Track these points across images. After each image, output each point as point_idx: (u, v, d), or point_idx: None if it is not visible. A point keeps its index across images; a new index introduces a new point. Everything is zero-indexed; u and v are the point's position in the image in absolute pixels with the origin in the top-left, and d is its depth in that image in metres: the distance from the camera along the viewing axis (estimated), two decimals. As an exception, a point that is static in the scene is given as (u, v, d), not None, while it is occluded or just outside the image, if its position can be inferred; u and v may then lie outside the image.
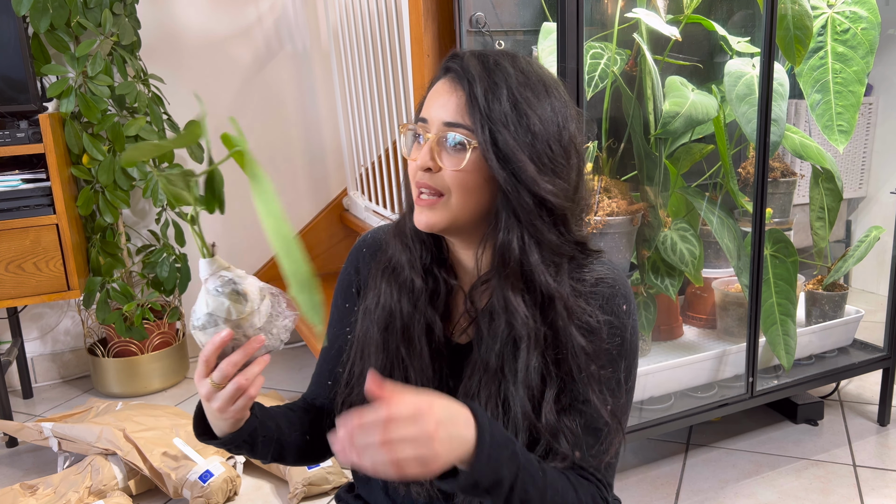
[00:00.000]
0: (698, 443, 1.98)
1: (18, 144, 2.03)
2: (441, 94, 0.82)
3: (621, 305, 0.85)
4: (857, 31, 1.73)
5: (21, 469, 2.00)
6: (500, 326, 0.82)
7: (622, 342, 0.85)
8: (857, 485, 1.76)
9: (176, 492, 1.75)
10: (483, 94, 0.79)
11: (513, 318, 0.81)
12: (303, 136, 2.81)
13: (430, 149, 0.80)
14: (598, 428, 0.83)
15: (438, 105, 0.81)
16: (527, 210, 0.79)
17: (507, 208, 0.80)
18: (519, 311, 0.81)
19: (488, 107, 0.79)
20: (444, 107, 0.81)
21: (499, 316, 0.82)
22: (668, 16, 1.69)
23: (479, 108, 0.79)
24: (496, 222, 0.81)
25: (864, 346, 2.09)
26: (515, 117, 0.79)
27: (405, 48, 1.95)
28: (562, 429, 0.82)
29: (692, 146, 1.88)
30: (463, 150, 0.79)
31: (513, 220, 0.80)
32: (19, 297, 2.11)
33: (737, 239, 1.82)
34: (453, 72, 0.81)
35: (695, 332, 2.02)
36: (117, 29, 2.18)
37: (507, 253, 0.80)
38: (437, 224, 0.82)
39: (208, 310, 0.77)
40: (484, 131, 0.78)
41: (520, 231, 0.80)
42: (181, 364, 2.56)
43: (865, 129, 2.64)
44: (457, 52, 0.84)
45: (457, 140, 0.80)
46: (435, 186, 0.81)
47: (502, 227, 0.80)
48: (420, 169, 0.81)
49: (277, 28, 2.71)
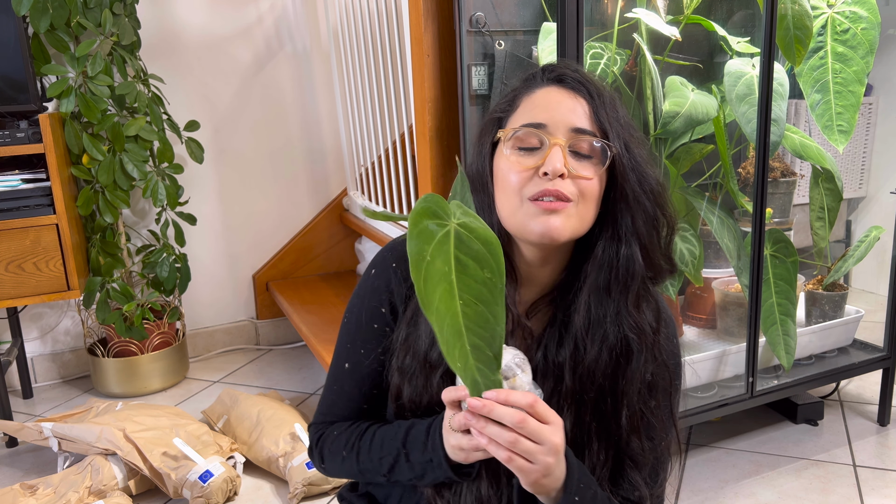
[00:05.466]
0: (698, 443, 1.98)
1: (18, 144, 2.03)
2: (562, 101, 0.79)
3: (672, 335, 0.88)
4: (857, 31, 1.73)
5: (21, 469, 2.00)
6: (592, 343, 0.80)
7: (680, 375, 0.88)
8: (857, 485, 1.76)
9: (176, 492, 1.75)
10: (610, 102, 0.79)
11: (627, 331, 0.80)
12: (303, 136, 2.81)
13: (563, 155, 0.76)
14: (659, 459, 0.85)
15: (562, 110, 0.78)
16: (648, 221, 0.79)
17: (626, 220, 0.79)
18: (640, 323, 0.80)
19: (616, 115, 0.79)
20: (571, 112, 0.78)
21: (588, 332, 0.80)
22: (668, 16, 1.69)
23: (609, 116, 0.78)
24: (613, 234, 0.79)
25: (864, 346, 2.09)
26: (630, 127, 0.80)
27: (405, 48, 1.95)
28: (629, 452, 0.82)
29: (692, 146, 1.88)
30: (599, 158, 0.78)
31: (632, 231, 0.79)
32: (19, 297, 2.11)
33: (737, 239, 1.82)
34: (568, 80, 0.80)
35: (695, 332, 2.02)
36: (117, 29, 2.18)
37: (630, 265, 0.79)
38: (564, 232, 0.77)
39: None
40: (620, 139, 0.78)
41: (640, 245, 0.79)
42: (181, 364, 2.56)
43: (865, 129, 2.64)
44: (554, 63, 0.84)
45: (598, 147, 0.77)
46: (565, 193, 0.76)
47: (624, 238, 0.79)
48: (554, 175, 0.76)
49: (277, 28, 2.71)
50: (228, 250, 2.80)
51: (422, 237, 0.65)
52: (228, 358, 2.77)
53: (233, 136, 2.71)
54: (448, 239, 0.65)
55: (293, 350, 2.83)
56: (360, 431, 0.88)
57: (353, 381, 0.91)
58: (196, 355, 2.77)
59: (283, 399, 2.17)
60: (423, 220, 0.65)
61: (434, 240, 0.65)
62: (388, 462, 0.83)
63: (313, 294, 2.68)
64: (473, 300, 0.65)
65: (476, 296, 0.65)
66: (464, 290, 0.65)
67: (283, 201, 2.83)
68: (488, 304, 0.65)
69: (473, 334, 0.65)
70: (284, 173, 2.81)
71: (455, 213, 0.67)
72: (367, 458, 0.86)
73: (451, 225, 0.66)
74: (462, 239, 0.66)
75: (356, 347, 0.90)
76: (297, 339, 2.89)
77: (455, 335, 0.65)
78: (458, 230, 0.66)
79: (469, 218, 0.67)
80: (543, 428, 0.68)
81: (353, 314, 0.91)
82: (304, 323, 2.38)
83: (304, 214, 2.87)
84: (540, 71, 0.83)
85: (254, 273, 2.85)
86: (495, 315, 0.65)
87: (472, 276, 0.65)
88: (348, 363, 0.90)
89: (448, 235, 0.65)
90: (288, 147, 2.80)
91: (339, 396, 0.92)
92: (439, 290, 0.65)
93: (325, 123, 2.84)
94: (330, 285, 2.77)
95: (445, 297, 0.65)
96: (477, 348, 0.65)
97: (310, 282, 2.82)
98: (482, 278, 0.65)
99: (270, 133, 2.76)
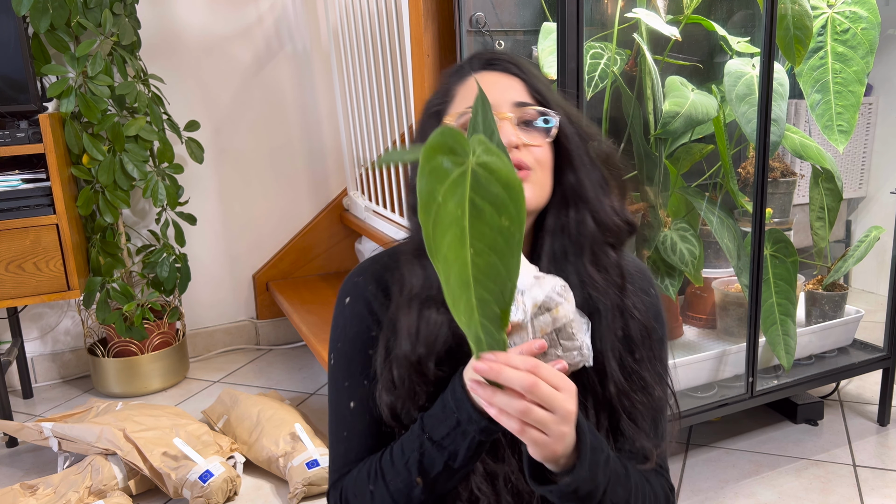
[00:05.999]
0: (698, 443, 1.98)
1: (18, 144, 2.03)
2: (497, 81, 0.81)
3: (651, 291, 0.87)
4: (857, 31, 1.73)
5: (21, 469, 2.00)
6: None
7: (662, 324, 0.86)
8: (857, 485, 1.76)
9: (176, 492, 1.75)
10: (542, 77, 0.81)
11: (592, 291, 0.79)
12: (303, 136, 2.81)
13: (513, 128, 0.78)
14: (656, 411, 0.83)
15: (500, 88, 0.80)
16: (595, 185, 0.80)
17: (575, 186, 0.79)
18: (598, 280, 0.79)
19: (548, 88, 0.81)
20: (509, 89, 0.80)
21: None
22: (668, 16, 1.69)
23: (545, 88, 0.80)
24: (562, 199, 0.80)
25: (864, 346, 2.09)
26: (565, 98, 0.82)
27: (405, 48, 1.95)
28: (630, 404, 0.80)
29: (692, 146, 1.88)
30: (546, 126, 0.79)
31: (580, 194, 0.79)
32: (19, 297, 2.11)
33: (737, 239, 1.82)
34: (498, 63, 0.82)
35: (695, 332, 2.02)
36: (117, 29, 2.18)
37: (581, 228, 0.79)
38: (531, 200, 0.77)
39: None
40: (560, 107, 0.80)
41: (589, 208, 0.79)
42: (181, 364, 2.56)
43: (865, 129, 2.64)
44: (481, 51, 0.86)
45: (543, 115, 0.79)
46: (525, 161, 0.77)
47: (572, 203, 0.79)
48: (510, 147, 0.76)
49: (277, 28, 2.71)
50: (228, 250, 2.80)
51: (434, 175, 0.58)
52: (228, 358, 2.77)
53: (233, 136, 2.71)
54: (464, 179, 0.58)
55: (293, 350, 2.83)
56: (377, 457, 0.82)
57: (364, 420, 0.84)
58: (196, 355, 2.77)
59: (283, 399, 2.17)
60: (438, 156, 0.58)
61: (448, 179, 0.58)
62: (415, 460, 0.76)
63: (313, 294, 2.68)
64: (486, 249, 0.58)
65: (490, 245, 0.58)
66: (476, 238, 0.58)
67: (283, 201, 2.83)
68: (502, 254, 0.58)
69: (482, 287, 0.59)
70: (284, 173, 2.81)
71: (475, 149, 0.59)
72: (394, 473, 0.78)
73: (469, 163, 0.58)
74: (480, 180, 0.58)
75: (356, 381, 0.84)
76: (297, 339, 2.89)
77: (462, 286, 0.59)
78: (476, 170, 0.58)
79: (491, 157, 0.58)
80: (555, 394, 0.63)
81: (339, 351, 0.87)
82: (304, 323, 2.38)
83: (304, 214, 2.87)
84: (468, 61, 0.85)
85: (254, 273, 2.85)
86: (508, 268, 0.59)
87: (487, 223, 0.58)
88: (353, 401, 0.84)
89: (464, 175, 0.58)
90: (288, 147, 2.80)
91: (352, 441, 0.85)
92: (449, 236, 0.58)
93: (325, 123, 2.84)
94: (330, 285, 2.77)
95: (455, 245, 0.58)
96: (484, 302, 0.59)
97: (310, 282, 2.83)
98: (498, 226, 0.58)
99: (270, 133, 2.76)
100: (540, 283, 0.69)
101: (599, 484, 0.71)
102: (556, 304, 0.68)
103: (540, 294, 0.68)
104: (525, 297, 0.68)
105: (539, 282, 0.70)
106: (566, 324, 0.69)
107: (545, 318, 0.68)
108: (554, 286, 0.69)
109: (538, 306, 0.68)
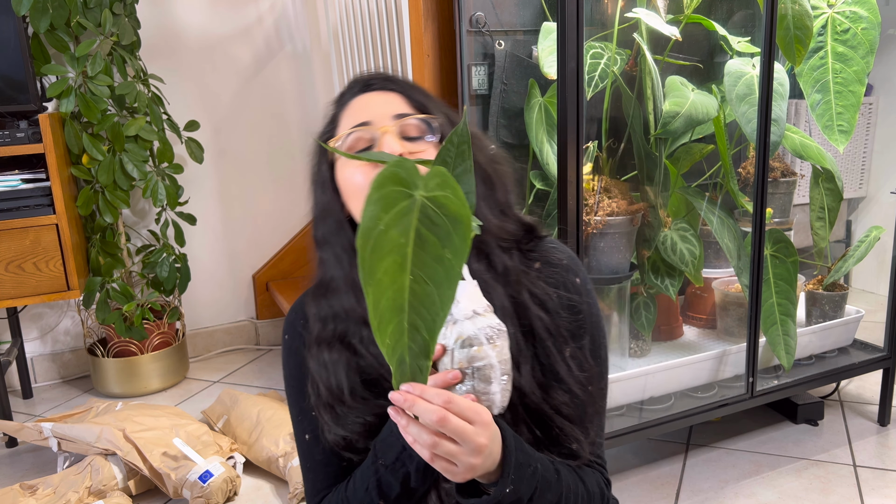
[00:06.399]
0: (698, 443, 1.98)
1: (18, 144, 2.03)
2: (374, 98, 0.84)
3: (574, 280, 0.85)
4: (857, 31, 1.73)
5: (21, 469, 2.00)
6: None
7: (583, 317, 0.84)
8: (858, 485, 1.76)
9: (176, 492, 1.75)
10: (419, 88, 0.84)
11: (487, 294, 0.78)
12: (303, 136, 2.81)
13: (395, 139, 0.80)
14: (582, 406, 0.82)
15: (378, 105, 0.83)
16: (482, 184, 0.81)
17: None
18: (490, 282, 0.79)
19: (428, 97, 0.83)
20: (388, 104, 0.83)
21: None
22: (668, 16, 1.68)
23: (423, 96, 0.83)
24: None
25: (864, 346, 2.09)
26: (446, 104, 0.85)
27: (405, 48, 1.95)
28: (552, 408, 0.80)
29: (692, 146, 1.88)
30: (429, 134, 0.82)
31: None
32: (19, 297, 2.11)
33: (737, 239, 1.82)
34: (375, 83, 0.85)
35: (695, 332, 2.02)
36: (117, 29, 2.18)
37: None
38: None
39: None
40: (441, 112, 0.83)
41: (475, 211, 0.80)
42: (181, 364, 2.56)
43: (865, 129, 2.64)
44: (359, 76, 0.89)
45: (426, 122, 0.81)
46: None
47: None
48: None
49: (277, 28, 2.71)
50: (228, 250, 2.80)
51: (380, 203, 0.60)
52: (228, 358, 2.77)
53: (233, 136, 2.70)
54: (411, 210, 0.61)
55: (293, 350, 2.83)
56: (343, 485, 0.85)
57: (320, 449, 0.87)
58: (196, 355, 2.77)
59: (283, 399, 2.17)
60: (388, 186, 0.60)
61: (394, 209, 0.60)
62: (374, 485, 0.79)
63: (313, 294, 2.68)
64: (425, 279, 0.61)
65: (429, 275, 0.61)
66: (417, 266, 0.61)
67: (283, 201, 2.83)
68: (440, 285, 0.61)
69: (415, 313, 0.62)
70: (284, 173, 2.81)
71: (429, 183, 0.61)
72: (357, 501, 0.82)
73: (418, 196, 0.61)
74: (428, 213, 0.61)
75: (305, 416, 0.87)
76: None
77: (393, 310, 0.61)
78: (425, 203, 0.61)
79: (445, 191, 0.61)
80: (466, 428, 0.65)
81: (289, 386, 0.90)
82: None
83: (304, 214, 2.87)
84: (347, 87, 0.88)
85: (254, 273, 2.85)
86: (443, 299, 0.62)
87: (430, 254, 0.61)
88: (308, 434, 0.88)
89: (411, 207, 0.61)
90: (288, 147, 2.80)
91: (317, 471, 0.89)
92: (387, 262, 0.60)
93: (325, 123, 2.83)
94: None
95: (393, 270, 0.61)
96: (415, 328, 0.62)
97: (310, 282, 2.82)
98: (441, 257, 0.61)
99: (270, 133, 2.76)
100: (474, 320, 0.70)
101: (523, 496, 0.72)
102: (480, 343, 0.69)
103: (470, 329, 0.69)
104: (456, 326, 0.70)
105: (475, 318, 0.70)
106: (485, 366, 0.69)
107: (465, 353, 0.69)
108: (487, 327, 0.70)
109: (462, 339, 0.69)
